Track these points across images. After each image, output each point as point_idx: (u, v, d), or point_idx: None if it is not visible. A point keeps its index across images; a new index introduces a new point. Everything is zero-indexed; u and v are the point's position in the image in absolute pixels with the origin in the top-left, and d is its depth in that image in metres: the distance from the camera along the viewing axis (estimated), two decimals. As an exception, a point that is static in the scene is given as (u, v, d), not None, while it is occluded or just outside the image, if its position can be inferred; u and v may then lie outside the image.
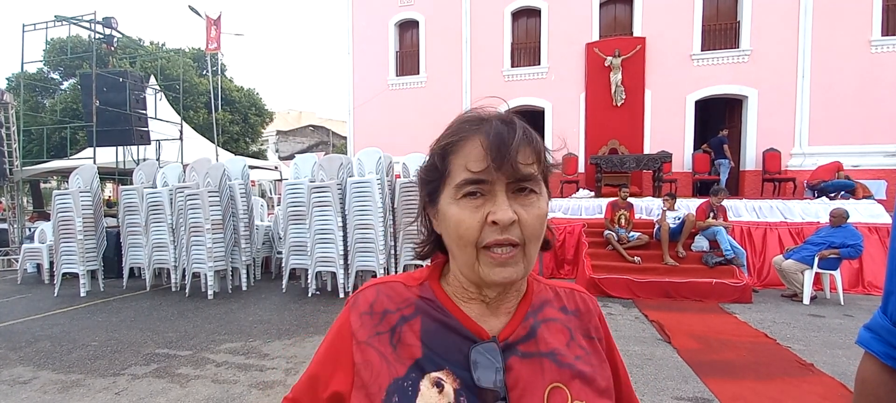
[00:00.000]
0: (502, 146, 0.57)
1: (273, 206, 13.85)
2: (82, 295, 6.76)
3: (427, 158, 0.65)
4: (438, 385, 0.58)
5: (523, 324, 0.64)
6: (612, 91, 11.49)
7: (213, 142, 14.89)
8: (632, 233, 7.28)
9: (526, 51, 12.83)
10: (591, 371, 0.64)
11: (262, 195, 17.94)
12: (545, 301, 0.69)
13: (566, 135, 12.11)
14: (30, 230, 9.62)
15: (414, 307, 0.64)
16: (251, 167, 10.82)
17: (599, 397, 0.63)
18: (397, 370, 0.60)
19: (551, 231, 0.66)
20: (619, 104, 11.49)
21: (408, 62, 13.80)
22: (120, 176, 10.58)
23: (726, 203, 7.26)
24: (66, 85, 19.92)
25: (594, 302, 0.73)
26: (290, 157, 16.20)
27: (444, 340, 0.61)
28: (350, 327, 0.65)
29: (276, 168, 16.54)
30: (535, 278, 0.70)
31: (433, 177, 0.64)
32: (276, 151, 28.66)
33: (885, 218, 7.30)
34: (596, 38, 11.94)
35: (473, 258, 0.59)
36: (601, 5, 12.08)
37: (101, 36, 10.38)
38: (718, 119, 11.96)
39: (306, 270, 6.72)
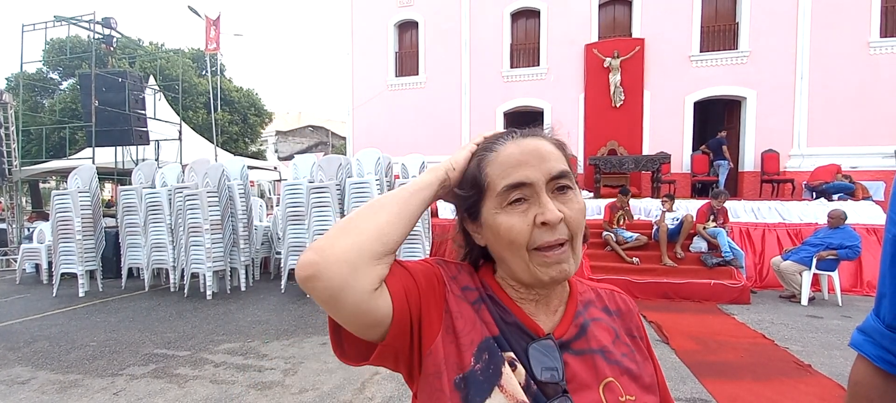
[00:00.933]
0: (536, 149, 0.62)
1: (272, 207, 13.84)
2: (81, 295, 6.75)
3: (464, 176, 0.68)
4: (512, 364, 0.60)
5: (574, 323, 0.66)
6: (611, 92, 11.50)
7: (213, 143, 14.89)
8: (630, 234, 7.28)
9: (525, 52, 12.84)
10: (637, 368, 0.66)
11: (261, 195, 17.93)
12: (589, 301, 0.71)
13: (565, 136, 12.09)
14: (28, 230, 9.62)
15: (480, 293, 0.67)
16: (250, 167, 10.82)
17: (646, 393, 0.65)
18: (486, 331, 0.62)
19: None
20: (617, 105, 11.51)
21: (407, 63, 13.81)
22: (119, 176, 10.57)
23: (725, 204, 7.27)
24: (65, 85, 19.90)
25: (633, 303, 0.76)
26: (290, 158, 16.19)
27: (507, 327, 0.63)
28: (443, 276, 0.66)
29: (275, 168, 16.53)
30: (578, 279, 0.73)
31: (471, 193, 0.66)
32: (276, 151, 28.66)
33: (884, 220, 7.30)
34: (595, 38, 11.96)
35: (527, 261, 0.61)
36: (600, 6, 12.10)
37: (101, 36, 10.38)
38: (717, 120, 11.99)
39: (305, 270, 6.71)
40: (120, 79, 9.34)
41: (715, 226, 6.71)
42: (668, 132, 11.41)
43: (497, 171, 0.62)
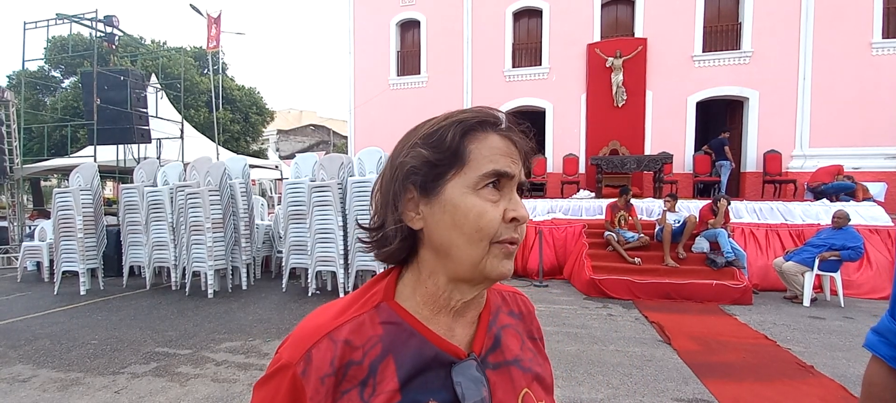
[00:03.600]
0: (519, 144, 0.59)
1: (273, 205, 13.85)
2: (82, 293, 6.76)
3: (431, 139, 0.57)
4: None
5: (488, 334, 0.63)
6: (613, 92, 11.49)
7: (214, 141, 14.89)
8: (632, 234, 7.27)
9: (527, 51, 12.83)
10: (542, 371, 0.66)
11: (263, 194, 17.96)
12: (498, 306, 0.68)
13: (567, 135, 12.12)
14: (30, 228, 9.63)
15: (381, 345, 0.57)
16: (252, 166, 10.82)
17: (549, 394, 0.66)
18: None
19: None
20: (620, 105, 11.49)
21: (409, 62, 13.80)
22: (120, 174, 10.58)
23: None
24: (67, 83, 19.95)
25: (532, 305, 0.75)
26: (291, 156, 16.18)
27: (423, 370, 0.57)
28: (306, 401, 0.54)
29: (276, 167, 16.54)
30: None
31: (440, 160, 0.56)
32: (277, 150, 28.67)
33: (886, 221, 7.29)
34: (597, 38, 11.94)
35: (484, 253, 0.55)
36: (603, 6, 12.09)
37: (103, 34, 10.39)
38: (719, 120, 11.96)
39: (306, 269, 6.72)
40: (122, 78, 9.35)
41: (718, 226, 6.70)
42: (670, 132, 11.39)
43: (484, 152, 0.56)
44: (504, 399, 0.59)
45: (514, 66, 12.74)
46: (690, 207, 7.68)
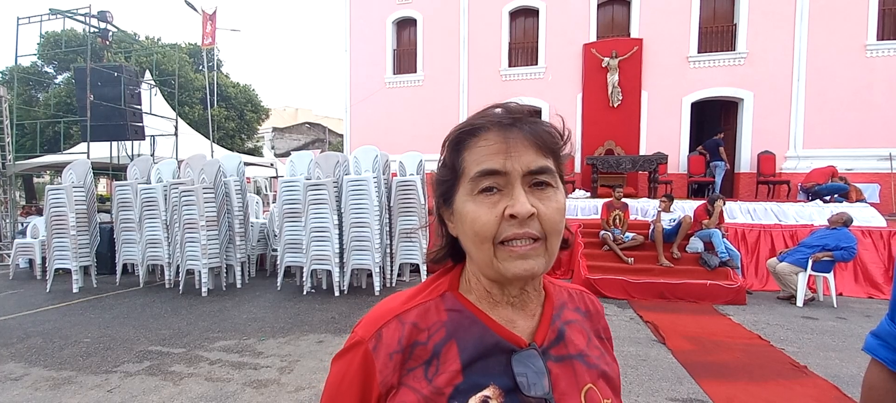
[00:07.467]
0: (517, 137, 0.57)
1: (268, 204, 13.80)
2: (75, 291, 6.70)
3: (441, 157, 0.64)
4: None
5: (552, 328, 0.63)
6: (609, 92, 11.51)
7: (209, 138, 14.81)
8: (627, 234, 7.29)
9: (523, 50, 12.84)
10: (610, 369, 0.66)
11: (258, 192, 17.88)
12: (563, 302, 0.68)
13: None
14: (22, 225, 9.55)
15: (444, 329, 0.60)
16: (247, 164, 10.77)
17: (616, 395, 0.66)
18: (443, 396, 0.57)
19: (568, 229, 0.65)
20: (615, 105, 11.52)
21: (405, 60, 13.77)
22: (114, 171, 10.50)
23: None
24: (60, 79, 19.74)
25: (600, 305, 0.75)
26: (286, 154, 16.13)
27: (484, 355, 0.59)
28: (376, 376, 0.58)
29: (271, 165, 16.47)
30: (550, 280, 0.70)
31: (447, 177, 0.62)
32: (272, 148, 28.54)
33: (879, 222, 7.35)
34: (593, 38, 11.96)
35: (491, 255, 0.57)
36: (599, 6, 12.11)
37: (96, 30, 10.29)
38: (714, 121, 12.02)
39: (301, 268, 6.70)
40: (115, 74, 9.27)
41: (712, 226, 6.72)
42: (665, 132, 11.43)
43: (473, 156, 0.58)
44: (567, 391, 0.59)
45: (510, 66, 12.74)
46: (685, 207, 7.70)
